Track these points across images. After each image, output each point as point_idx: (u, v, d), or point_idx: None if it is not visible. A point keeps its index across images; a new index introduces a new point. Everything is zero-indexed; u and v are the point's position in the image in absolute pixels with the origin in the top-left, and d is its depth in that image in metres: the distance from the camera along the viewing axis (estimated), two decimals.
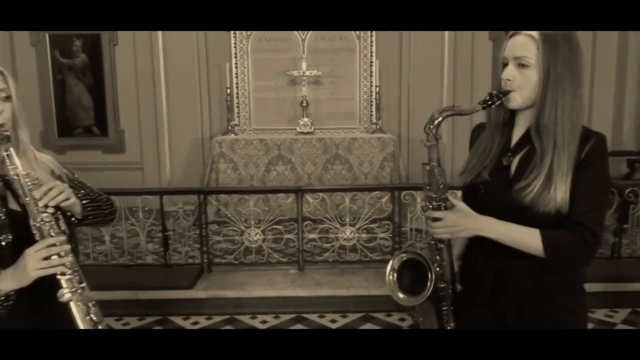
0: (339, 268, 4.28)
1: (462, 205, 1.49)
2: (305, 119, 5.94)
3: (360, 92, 6.22)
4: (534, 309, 1.50)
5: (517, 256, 1.47)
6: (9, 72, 1.51)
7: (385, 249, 4.48)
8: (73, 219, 1.55)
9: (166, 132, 6.14)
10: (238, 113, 6.20)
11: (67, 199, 1.46)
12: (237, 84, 6.16)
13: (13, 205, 1.48)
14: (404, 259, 1.56)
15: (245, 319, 3.75)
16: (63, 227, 1.43)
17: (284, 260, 4.37)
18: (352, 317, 3.76)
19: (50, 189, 1.42)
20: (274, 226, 4.37)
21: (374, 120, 6.11)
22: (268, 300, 3.91)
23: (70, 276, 1.40)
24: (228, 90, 6.01)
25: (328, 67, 6.11)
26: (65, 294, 1.38)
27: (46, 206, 1.41)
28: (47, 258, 1.37)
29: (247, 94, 6.21)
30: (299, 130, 5.91)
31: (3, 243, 1.44)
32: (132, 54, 6.05)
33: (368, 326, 3.65)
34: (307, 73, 5.96)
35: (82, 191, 1.65)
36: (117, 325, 3.68)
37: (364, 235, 4.42)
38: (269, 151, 5.73)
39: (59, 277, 1.38)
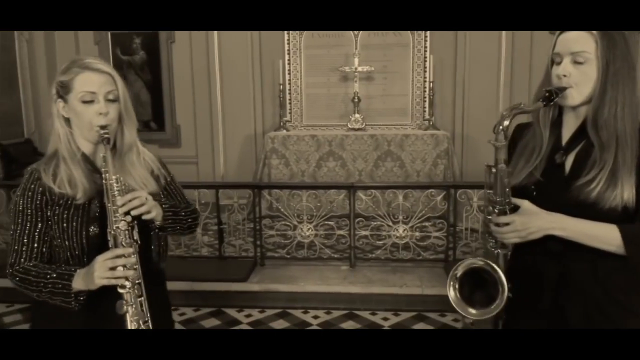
0: (391, 266, 4.25)
1: (527, 204, 1.43)
2: (357, 115, 5.92)
3: (413, 88, 6.12)
4: (599, 313, 1.43)
5: (580, 257, 1.41)
6: (117, 74, 1.56)
7: (439, 248, 4.41)
8: (152, 225, 1.59)
9: (220, 127, 6.26)
10: (290, 109, 6.25)
11: (147, 212, 1.49)
12: (289, 80, 6.20)
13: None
14: (472, 266, 1.47)
15: (298, 314, 3.78)
16: (135, 236, 1.47)
17: (335, 256, 4.38)
18: (404, 315, 3.73)
19: (133, 199, 1.46)
20: (326, 222, 4.38)
21: (427, 117, 6.00)
22: (320, 295, 3.93)
23: (130, 290, 1.43)
24: (281, 87, 6.06)
25: (380, 63, 6.05)
26: (123, 306, 1.43)
27: (126, 213, 1.44)
28: (113, 268, 1.40)
29: (299, 90, 6.24)
30: (350, 127, 5.89)
31: (91, 233, 1.52)
32: (189, 52, 6.19)
33: (421, 326, 3.60)
34: (360, 69, 5.92)
35: (171, 202, 1.69)
36: (174, 316, 3.76)
37: (417, 234, 4.36)
38: (320, 147, 5.75)
39: (119, 290, 1.42)
